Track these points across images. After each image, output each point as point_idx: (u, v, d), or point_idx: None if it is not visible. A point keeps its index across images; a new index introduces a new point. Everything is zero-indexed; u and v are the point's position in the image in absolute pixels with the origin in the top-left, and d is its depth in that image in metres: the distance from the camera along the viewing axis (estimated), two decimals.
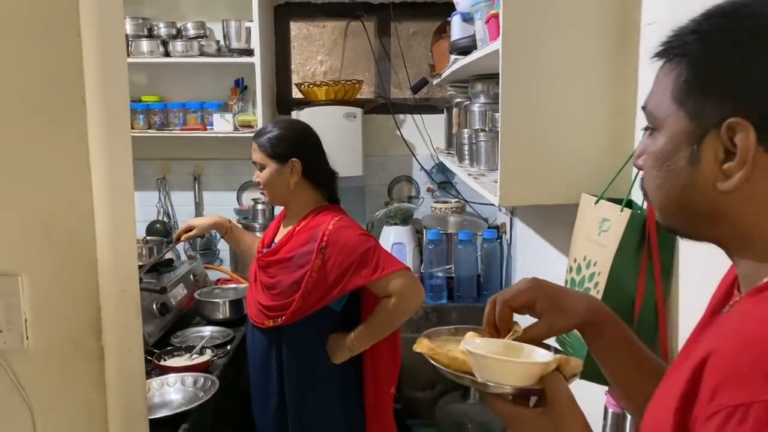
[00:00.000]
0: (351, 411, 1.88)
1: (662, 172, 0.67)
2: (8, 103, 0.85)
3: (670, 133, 0.66)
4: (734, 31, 0.62)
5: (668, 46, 0.66)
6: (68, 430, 0.92)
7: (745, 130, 0.60)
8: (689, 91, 0.64)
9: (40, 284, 0.89)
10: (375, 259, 1.74)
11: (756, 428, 0.51)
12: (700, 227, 0.68)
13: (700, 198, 0.65)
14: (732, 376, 0.55)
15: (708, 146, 0.63)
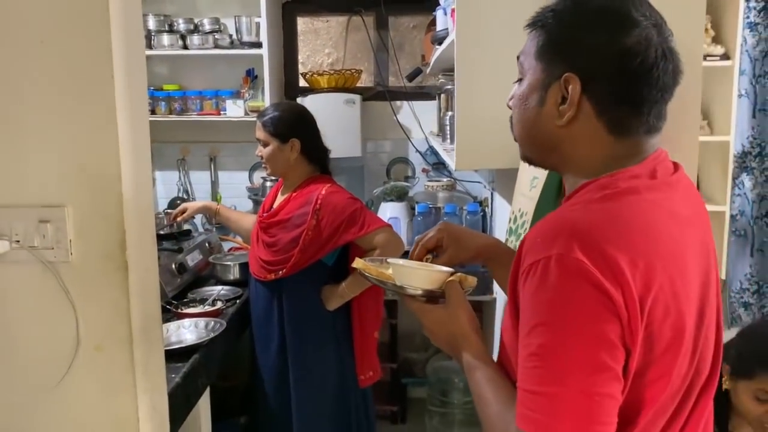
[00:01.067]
0: (342, 350, 2.17)
1: (521, 111, 0.93)
2: (58, 76, 1.14)
3: (529, 81, 0.91)
4: (576, 13, 0.88)
5: (535, 19, 0.93)
6: (101, 324, 1.20)
7: (575, 82, 0.85)
8: (544, 52, 0.89)
9: (80, 213, 1.17)
10: (362, 218, 2.03)
11: (542, 276, 0.79)
12: (543, 155, 0.95)
13: (544, 131, 0.90)
14: (530, 247, 0.82)
15: (551, 93, 0.88)
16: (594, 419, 0.74)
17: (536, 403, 0.76)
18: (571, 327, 0.75)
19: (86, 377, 1.21)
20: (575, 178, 0.91)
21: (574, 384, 0.74)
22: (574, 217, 0.82)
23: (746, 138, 3.09)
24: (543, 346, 0.76)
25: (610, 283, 0.75)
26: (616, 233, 0.79)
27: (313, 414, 2.16)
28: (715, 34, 2.86)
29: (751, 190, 3.14)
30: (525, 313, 0.80)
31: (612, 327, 0.75)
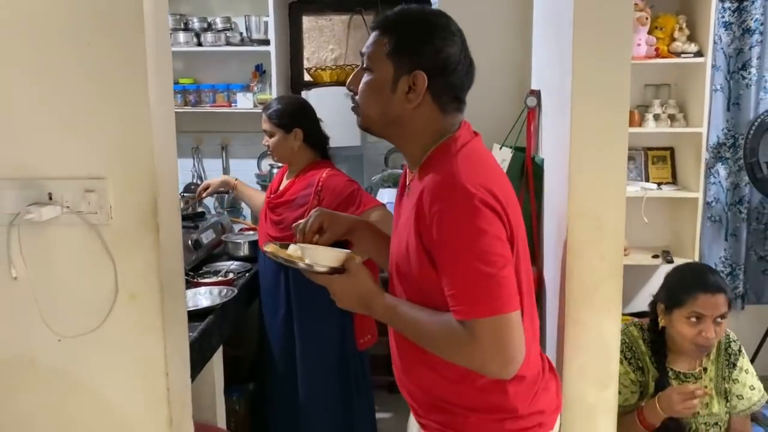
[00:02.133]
0: (343, 316, 2.37)
1: (374, 96, 1.21)
2: (103, 71, 1.38)
3: (382, 74, 1.19)
4: (417, 26, 1.20)
5: (382, 24, 1.22)
6: (136, 277, 1.43)
7: (423, 78, 1.18)
8: (395, 53, 1.18)
9: (119, 183, 1.39)
10: (358, 198, 2.28)
11: (454, 212, 1.09)
12: (389, 130, 1.25)
13: (393, 112, 1.20)
14: (434, 197, 1.12)
15: (401, 84, 1.18)
16: (514, 293, 1.10)
17: (476, 294, 1.08)
18: (491, 242, 1.09)
19: (123, 321, 1.43)
20: (413, 146, 1.24)
21: (497, 272, 1.08)
22: (454, 169, 1.14)
23: (721, 130, 3.32)
24: (475, 255, 1.08)
25: (495, 202, 1.10)
26: (482, 171, 1.16)
27: (317, 374, 2.39)
28: (689, 32, 3.07)
29: (726, 178, 3.37)
30: (447, 240, 1.10)
31: (503, 231, 1.12)
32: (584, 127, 1.39)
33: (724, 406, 1.86)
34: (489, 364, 1.11)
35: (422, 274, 1.17)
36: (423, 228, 1.14)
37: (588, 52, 1.37)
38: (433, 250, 1.14)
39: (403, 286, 1.24)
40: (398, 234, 1.27)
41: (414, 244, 1.17)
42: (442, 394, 1.24)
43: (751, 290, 3.47)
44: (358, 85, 1.24)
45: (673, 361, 1.86)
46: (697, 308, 1.74)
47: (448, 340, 1.14)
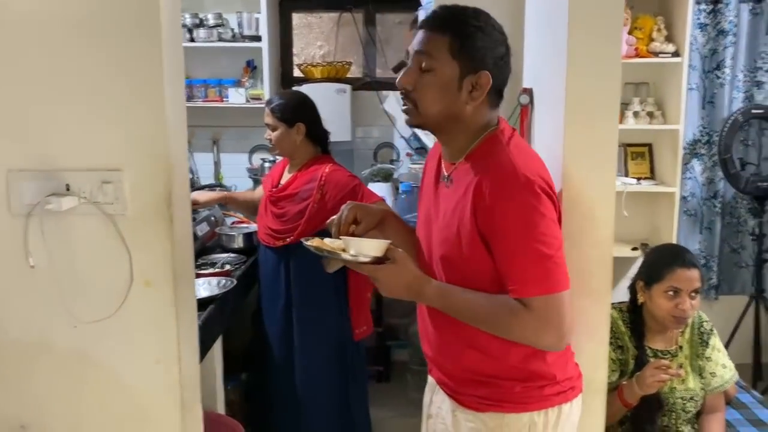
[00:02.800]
0: (340, 307, 2.47)
1: (439, 95, 1.27)
2: (121, 67, 1.44)
3: (448, 73, 1.25)
4: (479, 28, 1.27)
5: (439, 23, 1.27)
6: (151, 265, 1.46)
7: (488, 78, 1.26)
8: (459, 53, 1.25)
9: (135, 175, 1.43)
10: (360, 193, 2.36)
11: (519, 199, 1.19)
12: (444, 125, 1.32)
13: (455, 110, 1.27)
14: (496, 185, 1.22)
15: (465, 83, 1.26)
16: (566, 272, 1.25)
17: (536, 274, 1.20)
18: (549, 225, 1.22)
19: (138, 307, 1.47)
20: (461, 139, 1.32)
21: (554, 253, 1.21)
22: (511, 159, 1.25)
23: (697, 127, 3.47)
24: (535, 237, 1.20)
25: (549, 189, 1.23)
26: (533, 161, 1.28)
27: (315, 362, 2.46)
28: (667, 33, 3.20)
29: (701, 174, 3.51)
30: (509, 224, 1.21)
31: (555, 215, 1.26)
32: (577, 124, 1.48)
33: (699, 383, 1.98)
34: (545, 338, 1.24)
35: (474, 258, 1.26)
36: (482, 214, 1.23)
37: (582, 52, 1.45)
38: (492, 234, 1.23)
39: (446, 271, 1.32)
40: (441, 221, 1.34)
41: (468, 230, 1.25)
42: (484, 369, 1.34)
43: (724, 281, 3.62)
44: (412, 83, 1.28)
45: (651, 339, 1.98)
46: (675, 282, 1.86)
47: (506, 318, 1.24)
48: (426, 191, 1.47)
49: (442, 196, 1.38)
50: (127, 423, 1.53)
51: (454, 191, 1.32)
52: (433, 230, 1.38)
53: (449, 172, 1.36)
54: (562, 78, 1.48)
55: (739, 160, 3.39)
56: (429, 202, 1.43)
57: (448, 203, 1.34)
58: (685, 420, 1.98)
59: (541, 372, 1.33)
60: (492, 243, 1.24)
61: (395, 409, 3.12)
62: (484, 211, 1.23)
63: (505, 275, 1.24)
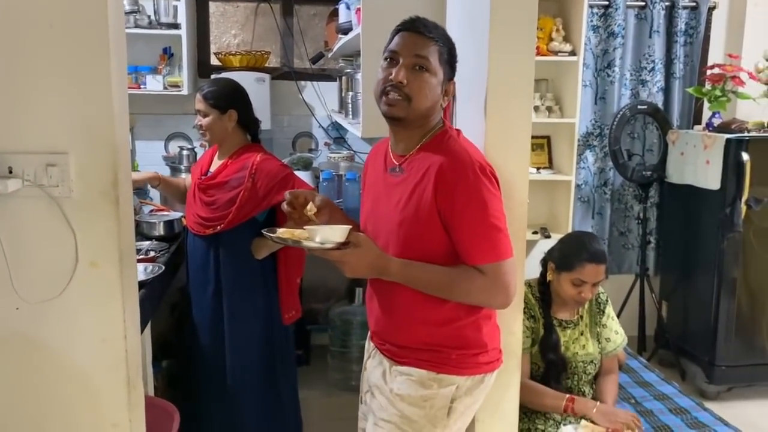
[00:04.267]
0: (269, 293, 2.51)
1: (432, 94, 1.49)
2: (65, 50, 1.44)
3: (438, 77, 1.48)
4: (453, 42, 1.49)
5: (437, 34, 1.48)
6: (96, 246, 1.47)
7: (454, 85, 1.56)
8: (445, 62, 1.49)
9: (81, 158, 1.44)
10: (292, 181, 2.40)
11: (472, 182, 1.39)
12: (419, 121, 1.50)
13: (435, 107, 1.49)
14: (451, 171, 1.40)
15: (444, 87, 1.51)
16: (511, 242, 1.48)
17: (491, 243, 1.42)
18: (498, 203, 1.44)
19: (84, 287, 1.49)
20: (417, 134, 1.52)
21: (504, 226, 1.45)
22: (465, 150, 1.46)
23: (590, 121, 3.78)
24: (490, 213, 1.42)
25: (495, 173, 1.48)
26: (479, 152, 1.52)
27: (245, 347, 2.48)
28: (565, 34, 3.47)
29: (593, 164, 3.83)
30: (467, 201, 1.41)
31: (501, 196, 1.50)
32: (498, 115, 1.66)
33: (597, 348, 2.23)
34: (497, 298, 1.45)
35: (431, 234, 1.45)
36: (442, 194, 1.42)
37: (501, 49, 1.63)
38: (451, 211, 1.42)
39: (402, 249, 1.48)
40: (395, 206, 1.50)
41: (427, 209, 1.43)
42: (428, 339, 1.52)
43: (613, 262, 3.96)
44: (406, 79, 1.44)
45: (557, 311, 2.21)
46: (582, 276, 2.09)
47: (464, 283, 1.44)
48: (371, 186, 1.63)
49: (392, 184, 1.54)
50: (74, 402, 1.55)
51: (408, 178, 1.49)
52: (383, 216, 1.54)
53: (400, 163, 1.53)
54: (483, 74, 1.64)
55: (627, 152, 3.72)
56: (376, 194, 1.59)
57: (402, 189, 1.50)
58: (586, 381, 2.22)
59: (476, 340, 1.53)
60: (451, 219, 1.43)
61: (318, 389, 3.21)
62: (445, 191, 1.42)
63: (461, 246, 1.45)
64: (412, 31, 1.48)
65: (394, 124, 1.52)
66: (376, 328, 1.64)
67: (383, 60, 1.51)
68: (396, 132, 1.55)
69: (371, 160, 1.68)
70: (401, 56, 1.47)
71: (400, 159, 1.54)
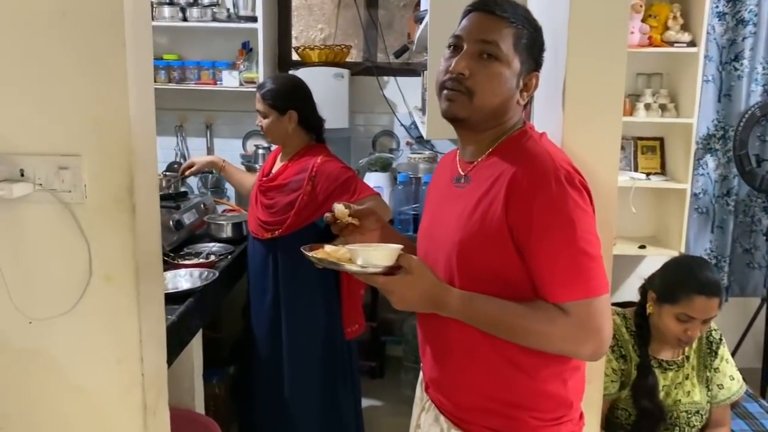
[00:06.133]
0: (331, 304, 2.35)
1: (502, 87, 1.18)
2: (77, 43, 1.32)
3: (512, 67, 1.18)
4: (537, 28, 1.22)
5: (511, 14, 1.18)
6: (111, 258, 1.37)
7: (538, 81, 1.23)
8: (523, 49, 1.18)
9: (95, 161, 1.33)
10: (353, 185, 2.23)
11: (556, 191, 1.10)
12: (491, 120, 1.21)
13: (508, 105, 1.20)
14: (530, 178, 1.11)
15: (522, 80, 1.20)
16: (606, 274, 1.14)
17: (578, 276, 1.08)
18: (591, 222, 1.11)
19: (97, 302, 1.38)
20: (488, 136, 1.24)
21: (596, 253, 1.10)
22: (549, 154, 1.15)
23: (711, 121, 3.31)
24: (579, 236, 1.09)
25: (586, 184, 1.14)
26: (569, 159, 1.18)
27: (303, 361, 2.35)
28: (683, 22, 3.04)
29: (714, 170, 3.36)
30: (550, 221, 1.09)
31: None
32: (578, 116, 1.36)
33: (705, 395, 1.86)
34: (586, 346, 1.11)
35: (499, 258, 1.14)
36: (516, 207, 1.11)
37: (583, 39, 1.33)
38: (528, 230, 1.10)
39: (458, 273, 1.19)
40: (455, 223, 1.21)
41: (495, 226, 1.13)
42: (495, 393, 1.20)
43: (735, 282, 3.48)
44: (469, 69, 1.16)
45: (656, 349, 1.85)
46: (690, 311, 1.72)
47: (543, 326, 1.11)
48: (433, 199, 1.37)
49: (455, 197, 1.26)
50: (84, 426, 1.44)
51: (473, 189, 1.21)
52: (441, 234, 1.25)
53: (466, 172, 1.25)
54: (561, 67, 1.35)
55: (755, 157, 3.24)
56: (437, 208, 1.31)
57: (465, 203, 1.21)
58: None
59: (559, 397, 1.20)
60: (527, 241, 1.11)
61: (388, 405, 3.08)
62: (520, 204, 1.10)
63: (540, 277, 1.12)
64: (482, 11, 1.19)
65: (457, 126, 1.25)
66: (430, 376, 1.32)
67: (446, 48, 1.23)
68: (462, 135, 1.27)
69: (439, 171, 1.40)
70: (465, 42, 1.18)
71: (468, 167, 1.25)
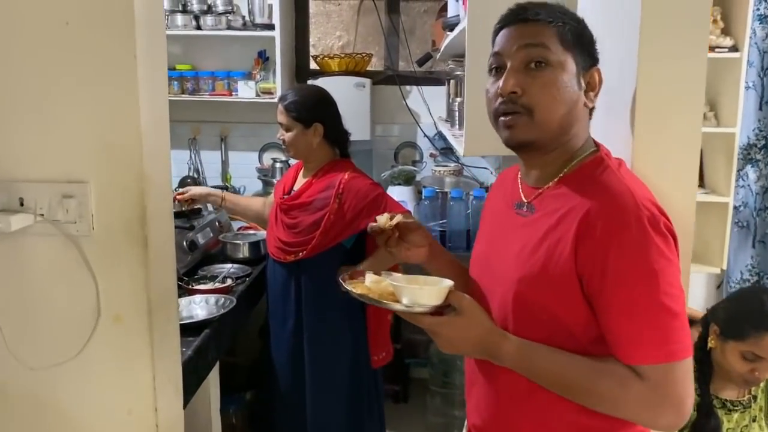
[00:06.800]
0: (356, 331, 2.20)
1: (563, 92, 1.02)
2: (83, 57, 1.18)
3: (566, 68, 1.02)
4: (578, 17, 1.08)
5: (542, 13, 1.04)
6: (120, 296, 1.23)
7: (600, 75, 1.07)
8: (573, 45, 1.03)
9: (103, 189, 1.20)
10: (383, 203, 2.08)
11: (638, 238, 0.94)
12: (560, 137, 1.04)
13: (576, 112, 1.04)
14: (607, 219, 0.95)
15: (583, 79, 1.04)
16: (690, 333, 0.98)
17: (660, 335, 0.94)
18: (675, 274, 0.96)
19: (106, 346, 1.25)
20: (558, 157, 1.07)
21: (681, 310, 0.95)
22: (629, 189, 0.98)
23: (752, 130, 3.11)
24: (662, 289, 0.94)
25: (675, 235, 0.99)
26: (653, 197, 1.01)
27: (327, 391, 2.20)
28: (724, 26, 2.86)
29: (756, 182, 3.16)
30: (628, 270, 0.94)
31: None
32: (650, 132, 1.19)
33: None
34: (663, 416, 0.96)
35: (564, 306, 0.99)
36: (588, 251, 0.96)
37: (658, 44, 1.16)
38: (602, 279, 0.96)
39: (515, 316, 1.05)
40: (516, 258, 1.07)
41: (562, 269, 0.98)
42: None
43: None
44: (522, 86, 1.01)
45: (719, 388, 1.68)
46: (758, 349, 1.55)
47: (613, 389, 0.96)
48: (489, 223, 1.21)
49: (516, 226, 1.10)
50: None
51: (538, 220, 1.05)
52: (498, 267, 1.10)
53: (530, 199, 1.09)
54: (629, 78, 1.19)
55: None
56: (494, 235, 1.16)
57: (529, 234, 1.06)
58: None
59: None
60: (599, 292, 0.97)
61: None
62: (594, 248, 0.96)
63: (613, 334, 0.97)
64: (514, 22, 1.05)
65: (523, 151, 1.10)
66: (474, 422, 1.18)
67: (488, 73, 1.09)
68: (526, 159, 1.12)
69: (497, 190, 1.24)
70: (506, 57, 1.04)
71: (532, 193, 1.10)
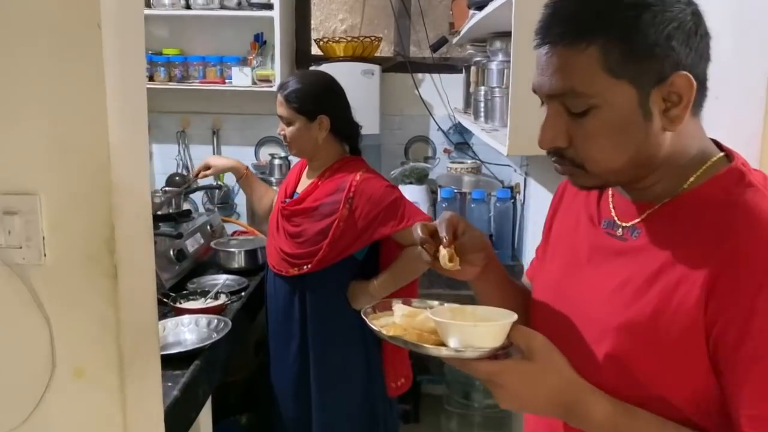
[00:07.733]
0: (370, 354, 1.96)
1: (619, 138, 0.77)
2: (30, 27, 0.89)
3: (617, 103, 0.76)
4: (636, 3, 0.74)
5: (576, 28, 0.76)
6: (83, 344, 0.97)
7: (687, 80, 0.74)
8: (626, 62, 0.74)
9: (58, 203, 0.93)
10: (401, 209, 1.81)
11: None
12: (640, 171, 0.81)
13: (650, 146, 0.78)
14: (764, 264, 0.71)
15: (653, 102, 0.76)
16: None
17: None
18: None
19: (63, 409, 0.99)
20: (661, 177, 0.81)
21: None
22: None
23: None
24: None
25: None
26: None
27: (336, 422, 1.96)
28: None
29: None
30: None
31: None
32: None
33: None
34: None
35: (683, 365, 0.77)
36: (721, 307, 0.74)
37: None
38: (738, 342, 0.73)
39: (610, 376, 0.81)
40: (612, 293, 0.83)
41: (680, 324, 0.76)
42: None
43: None
44: (566, 138, 0.80)
45: None
46: None
47: None
48: (562, 239, 0.98)
49: (610, 253, 0.86)
50: None
51: (648, 250, 0.82)
52: (583, 304, 0.87)
53: (632, 220, 0.85)
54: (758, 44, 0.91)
55: None
56: (573, 258, 0.92)
57: (632, 267, 0.82)
58: None
59: None
60: (734, 351, 0.74)
61: None
62: (734, 298, 0.73)
63: (746, 406, 0.74)
64: (546, 44, 0.79)
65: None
66: None
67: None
68: (626, 187, 0.89)
69: (571, 197, 1.00)
70: (541, 97, 0.83)
71: (633, 210, 0.86)
